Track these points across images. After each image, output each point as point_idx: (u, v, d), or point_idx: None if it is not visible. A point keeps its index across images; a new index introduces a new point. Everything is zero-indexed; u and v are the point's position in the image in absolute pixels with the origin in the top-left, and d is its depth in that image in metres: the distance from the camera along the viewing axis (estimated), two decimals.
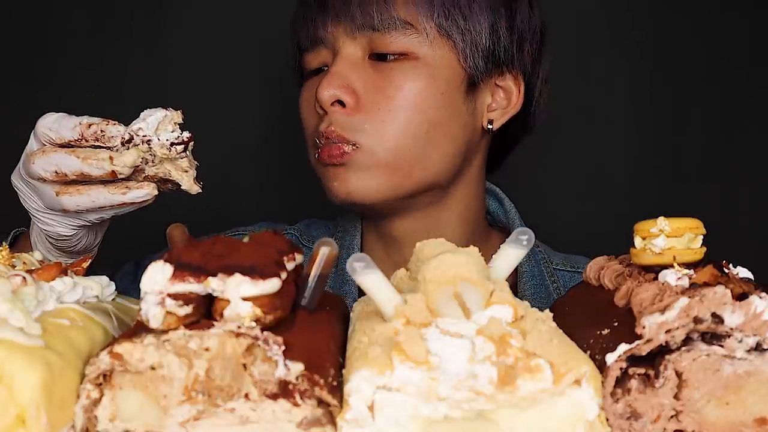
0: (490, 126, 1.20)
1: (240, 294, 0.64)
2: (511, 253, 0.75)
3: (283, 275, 0.67)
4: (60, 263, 0.77)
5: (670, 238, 0.74)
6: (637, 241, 0.77)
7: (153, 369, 0.64)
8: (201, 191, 0.90)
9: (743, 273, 0.73)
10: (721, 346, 0.66)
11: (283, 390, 0.64)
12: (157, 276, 0.64)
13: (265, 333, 0.64)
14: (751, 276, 0.73)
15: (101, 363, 0.64)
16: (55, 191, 0.88)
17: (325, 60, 1.17)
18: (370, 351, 0.64)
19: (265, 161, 1.85)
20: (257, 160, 1.85)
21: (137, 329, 0.66)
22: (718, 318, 0.65)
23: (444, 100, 1.14)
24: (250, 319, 0.64)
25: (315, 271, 0.72)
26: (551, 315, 0.71)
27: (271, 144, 1.84)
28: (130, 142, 0.86)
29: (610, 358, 0.65)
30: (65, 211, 0.90)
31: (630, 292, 0.72)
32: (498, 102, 1.21)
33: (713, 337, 0.66)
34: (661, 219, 0.75)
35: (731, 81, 1.84)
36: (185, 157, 0.88)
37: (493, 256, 0.77)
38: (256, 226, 1.36)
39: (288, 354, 0.63)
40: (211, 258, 0.65)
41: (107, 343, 0.67)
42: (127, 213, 0.92)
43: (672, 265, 0.73)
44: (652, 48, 1.85)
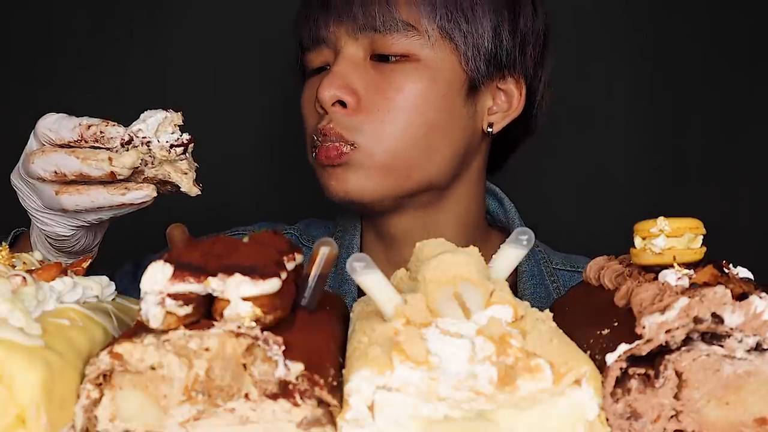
0: (490, 129, 1.20)
1: (240, 294, 0.64)
2: (511, 253, 0.75)
3: (283, 275, 0.67)
4: (60, 263, 0.77)
5: (670, 238, 0.74)
6: (637, 241, 0.77)
7: (153, 369, 0.64)
8: (201, 193, 0.90)
9: (743, 273, 0.73)
10: (721, 346, 0.66)
11: (283, 390, 0.64)
12: (157, 276, 0.64)
13: (265, 333, 0.64)
14: (751, 276, 0.73)
15: (101, 363, 0.64)
16: (55, 191, 0.88)
17: (327, 59, 1.17)
18: (370, 351, 0.64)
19: (265, 161, 1.85)
20: (257, 159, 1.85)
21: (137, 329, 0.66)
22: (718, 318, 0.65)
23: (444, 102, 1.14)
24: (250, 319, 0.64)
25: (315, 271, 0.72)
26: (551, 315, 0.71)
27: (271, 144, 1.84)
28: (129, 143, 0.86)
29: (610, 358, 0.65)
30: (64, 211, 0.90)
31: (630, 292, 0.72)
32: (499, 105, 1.21)
33: (713, 337, 0.66)
34: (661, 219, 0.75)
35: (731, 81, 1.84)
36: (185, 159, 0.88)
37: (493, 256, 0.77)
38: (255, 226, 1.36)
39: (288, 354, 0.63)
40: (211, 258, 0.65)
41: (107, 343, 0.67)
42: (127, 214, 0.93)
43: (672, 265, 0.73)
44: (652, 48, 1.84)
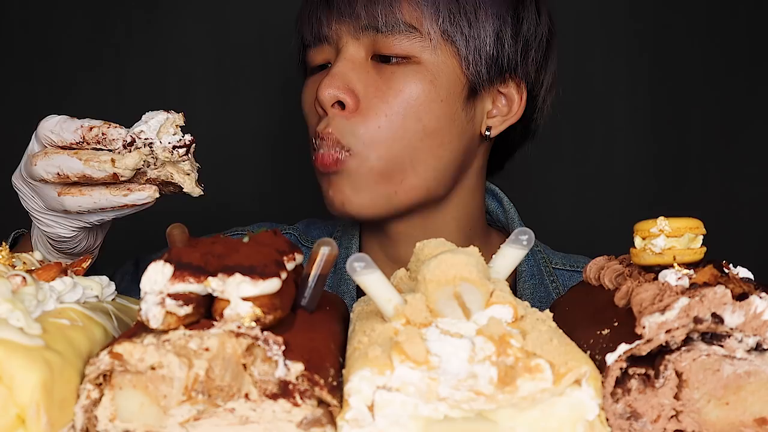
0: (487, 133, 1.19)
1: (240, 294, 0.64)
2: (511, 253, 0.75)
3: (283, 275, 0.67)
4: (60, 263, 0.77)
5: (670, 238, 0.74)
6: (637, 241, 0.77)
7: (153, 369, 0.64)
8: (203, 194, 0.90)
9: (743, 273, 0.73)
10: (721, 346, 0.66)
11: (283, 390, 0.64)
12: (157, 276, 0.64)
13: (265, 333, 0.64)
14: (751, 276, 0.73)
15: (101, 363, 0.64)
16: (57, 192, 0.88)
17: (328, 57, 1.17)
18: (370, 351, 0.64)
19: (266, 161, 1.85)
20: (257, 160, 1.85)
21: (137, 329, 0.66)
22: (718, 318, 0.65)
23: (443, 107, 1.13)
24: (250, 319, 0.64)
25: (315, 271, 0.72)
26: (551, 315, 0.71)
27: (271, 144, 1.84)
28: (131, 144, 0.86)
29: (610, 358, 0.65)
30: (66, 212, 0.90)
31: (630, 292, 0.72)
32: (499, 109, 1.20)
33: (713, 337, 0.66)
34: (661, 219, 0.75)
35: (731, 81, 1.84)
36: (187, 160, 0.89)
37: (493, 256, 0.77)
38: (255, 226, 1.36)
39: (288, 354, 0.63)
40: (211, 258, 0.65)
41: (107, 343, 0.67)
42: (129, 214, 0.93)
43: (672, 265, 0.73)
44: (651, 47, 1.84)
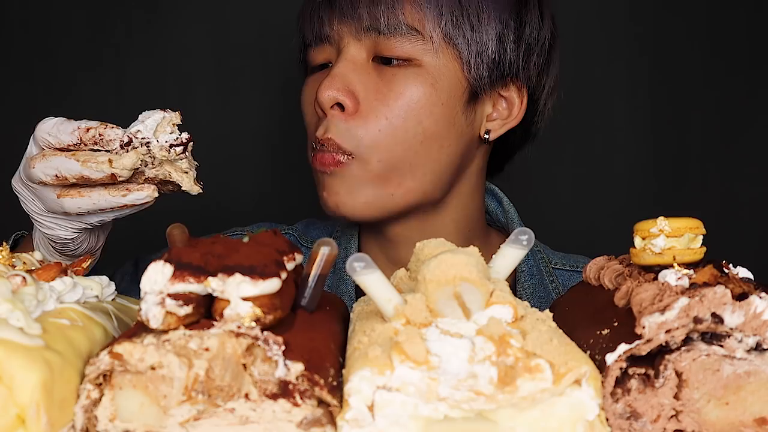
0: (486, 136, 1.19)
1: (240, 294, 0.64)
2: (511, 253, 0.75)
3: (283, 275, 0.67)
4: (60, 263, 0.77)
5: (670, 238, 0.74)
6: (637, 241, 0.77)
7: (153, 369, 0.64)
8: (202, 192, 0.90)
9: (743, 273, 0.73)
10: (721, 346, 0.66)
11: (283, 390, 0.64)
12: (157, 276, 0.64)
13: (265, 333, 0.64)
14: (751, 276, 0.73)
15: (101, 363, 0.64)
16: (56, 194, 0.88)
17: (329, 57, 1.17)
18: (370, 351, 0.64)
19: (265, 161, 1.85)
20: (257, 160, 1.85)
21: (137, 329, 0.66)
22: (718, 318, 0.65)
23: (443, 110, 1.13)
24: (250, 319, 0.64)
25: (315, 271, 0.72)
26: (551, 315, 0.71)
27: (271, 144, 1.84)
28: (129, 144, 0.86)
29: (610, 357, 0.65)
30: (66, 214, 0.90)
31: (630, 292, 0.72)
32: (499, 112, 1.20)
33: (713, 337, 0.66)
34: (661, 219, 0.75)
35: (731, 81, 1.84)
36: (185, 158, 0.89)
37: (493, 256, 0.77)
38: (254, 226, 1.36)
39: (288, 354, 0.63)
40: (211, 258, 0.65)
41: (107, 343, 0.67)
42: (129, 214, 0.93)
43: (672, 265, 0.73)
44: (651, 48, 1.84)
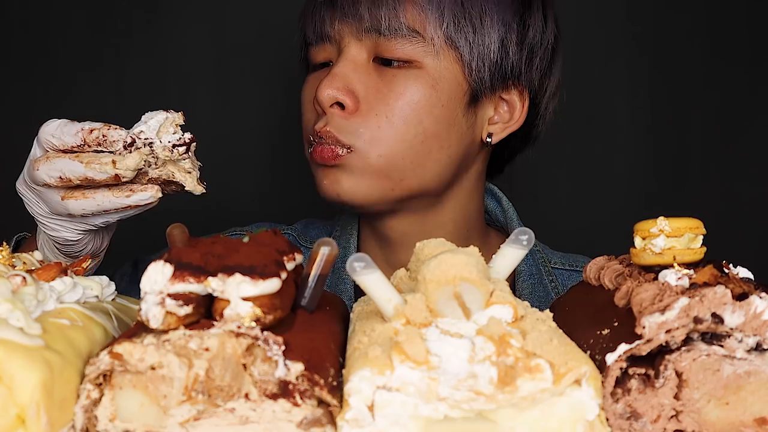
0: (488, 139, 1.19)
1: (240, 294, 0.64)
2: (511, 253, 0.75)
3: (283, 275, 0.67)
4: (60, 263, 0.77)
5: (670, 238, 0.74)
6: (637, 241, 0.77)
7: (153, 369, 0.64)
8: (205, 192, 0.90)
9: (743, 273, 0.73)
10: (721, 346, 0.66)
11: (283, 390, 0.64)
12: (158, 276, 0.64)
13: (265, 333, 0.64)
14: (751, 276, 0.73)
15: (101, 363, 0.64)
16: (60, 196, 0.88)
17: (330, 56, 1.17)
18: (370, 351, 0.64)
19: (265, 161, 1.85)
20: (257, 160, 1.84)
21: (137, 329, 0.66)
22: (718, 318, 0.65)
23: (443, 112, 1.13)
24: (250, 319, 0.64)
25: (315, 271, 0.72)
26: (551, 315, 0.71)
27: (271, 144, 1.84)
28: (132, 145, 0.86)
29: (610, 358, 0.65)
30: (71, 216, 0.90)
31: (630, 292, 0.72)
32: (500, 115, 1.19)
33: (713, 337, 0.66)
34: (661, 219, 0.75)
35: (731, 80, 1.84)
36: (188, 158, 0.89)
37: (493, 256, 0.77)
38: (254, 226, 1.36)
39: (288, 354, 0.63)
40: (211, 258, 0.65)
41: (107, 343, 0.67)
42: (133, 215, 0.93)
43: (672, 265, 0.73)
44: (651, 48, 1.84)
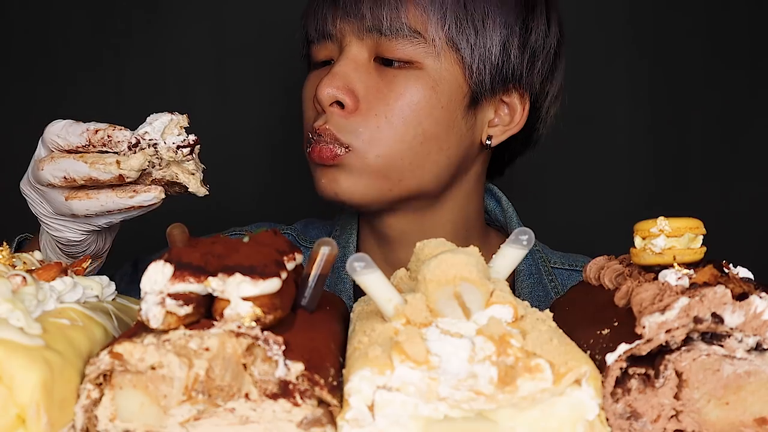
0: (488, 142, 1.19)
1: (240, 294, 0.64)
2: (511, 253, 0.75)
3: (283, 275, 0.67)
4: (60, 263, 0.77)
5: (670, 237, 0.74)
6: (637, 241, 0.77)
7: (153, 369, 0.64)
8: (208, 194, 0.90)
9: (743, 273, 0.73)
10: (721, 346, 0.66)
11: (284, 390, 0.64)
12: (158, 276, 0.64)
13: (266, 333, 0.64)
14: (751, 276, 0.73)
15: (101, 363, 0.64)
16: (65, 196, 0.88)
17: (332, 54, 1.16)
18: (370, 351, 0.64)
19: (265, 161, 1.85)
20: (257, 160, 1.84)
21: (137, 329, 0.66)
22: (718, 318, 0.65)
23: (443, 114, 1.13)
24: (250, 319, 0.64)
25: (315, 271, 0.72)
26: (551, 315, 0.71)
27: (271, 144, 1.84)
28: (136, 146, 0.87)
29: (610, 357, 0.65)
30: (74, 216, 0.90)
31: (630, 291, 0.72)
32: (501, 118, 1.19)
33: (713, 337, 0.66)
34: (661, 219, 0.75)
35: (731, 80, 1.84)
36: (191, 160, 0.89)
37: (494, 255, 0.77)
38: (254, 226, 1.36)
39: (288, 354, 0.63)
40: (211, 258, 0.66)
41: (107, 343, 0.67)
42: (136, 216, 0.93)
43: (672, 265, 0.73)
44: (651, 47, 1.84)
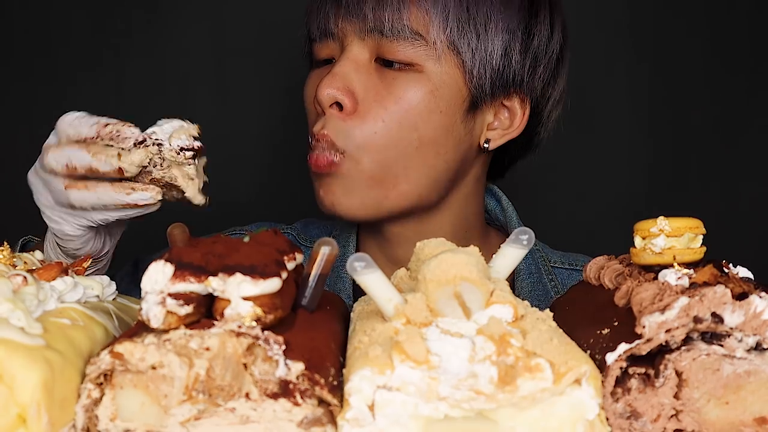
0: (486, 145, 1.18)
1: (240, 293, 0.64)
2: (511, 253, 0.76)
3: (284, 275, 0.67)
4: (61, 263, 0.77)
5: (670, 237, 0.74)
6: (637, 241, 0.77)
7: (154, 368, 0.64)
8: (205, 203, 0.90)
9: (743, 273, 0.73)
10: (721, 345, 0.66)
11: (284, 389, 0.64)
12: (158, 276, 0.64)
13: (266, 332, 0.64)
14: (751, 276, 0.73)
15: (102, 362, 0.64)
16: (64, 185, 0.89)
17: (333, 53, 1.16)
18: (370, 351, 0.64)
19: (265, 161, 1.85)
20: (257, 160, 1.85)
21: (138, 329, 0.66)
22: (718, 317, 0.65)
23: (441, 118, 1.12)
24: (250, 319, 0.64)
25: (315, 271, 0.72)
26: (551, 314, 0.71)
27: (271, 144, 1.84)
28: (142, 143, 0.87)
29: (610, 357, 0.65)
30: (72, 208, 0.90)
31: (630, 291, 0.72)
32: (501, 121, 1.18)
33: (713, 337, 0.66)
34: (661, 218, 0.75)
35: (731, 81, 1.84)
36: (193, 165, 0.89)
37: (494, 255, 0.77)
38: (254, 225, 1.36)
39: (288, 353, 0.64)
40: (212, 258, 0.66)
41: (108, 343, 0.67)
42: (133, 219, 0.93)
43: (672, 265, 0.73)
44: (651, 47, 1.85)
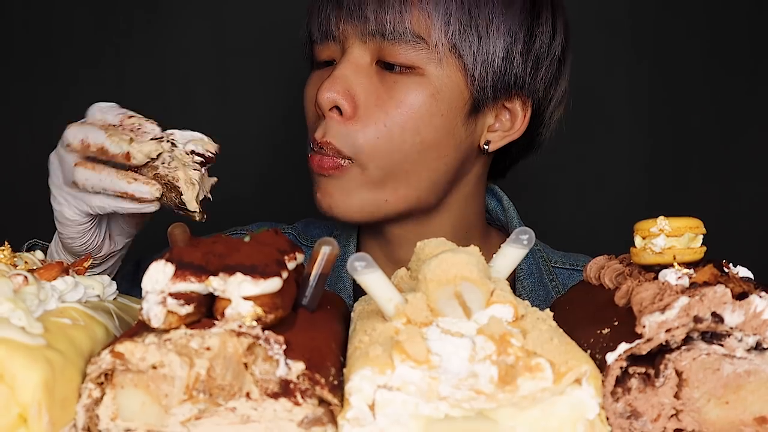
0: (486, 147, 1.17)
1: (241, 293, 0.64)
2: (512, 253, 0.76)
3: (284, 274, 0.67)
4: (62, 262, 0.77)
5: (670, 237, 0.74)
6: (638, 241, 0.77)
7: (154, 368, 0.64)
8: (199, 215, 0.90)
9: (743, 272, 0.73)
10: (721, 345, 0.66)
11: (284, 389, 0.64)
12: (159, 275, 0.64)
13: (266, 332, 0.64)
14: (751, 275, 0.73)
15: (103, 362, 0.64)
16: (75, 162, 0.91)
17: (334, 55, 1.16)
18: (371, 350, 0.64)
19: (266, 161, 1.85)
20: (257, 160, 1.85)
21: (139, 328, 0.67)
22: (718, 317, 0.65)
23: (442, 121, 1.12)
24: (251, 319, 0.64)
25: (316, 271, 0.72)
26: (551, 314, 0.71)
27: (272, 144, 1.84)
28: (159, 139, 0.90)
29: (610, 357, 0.65)
30: (75, 187, 0.92)
31: (630, 291, 0.72)
32: (502, 123, 1.18)
33: (713, 337, 0.66)
34: (662, 218, 0.75)
35: (731, 81, 1.84)
36: (198, 171, 0.90)
37: (494, 255, 0.77)
38: (254, 225, 1.36)
39: (289, 353, 0.64)
40: (213, 257, 0.66)
41: (109, 342, 0.67)
42: (132, 220, 0.93)
43: (672, 265, 0.73)
44: (651, 47, 1.85)
